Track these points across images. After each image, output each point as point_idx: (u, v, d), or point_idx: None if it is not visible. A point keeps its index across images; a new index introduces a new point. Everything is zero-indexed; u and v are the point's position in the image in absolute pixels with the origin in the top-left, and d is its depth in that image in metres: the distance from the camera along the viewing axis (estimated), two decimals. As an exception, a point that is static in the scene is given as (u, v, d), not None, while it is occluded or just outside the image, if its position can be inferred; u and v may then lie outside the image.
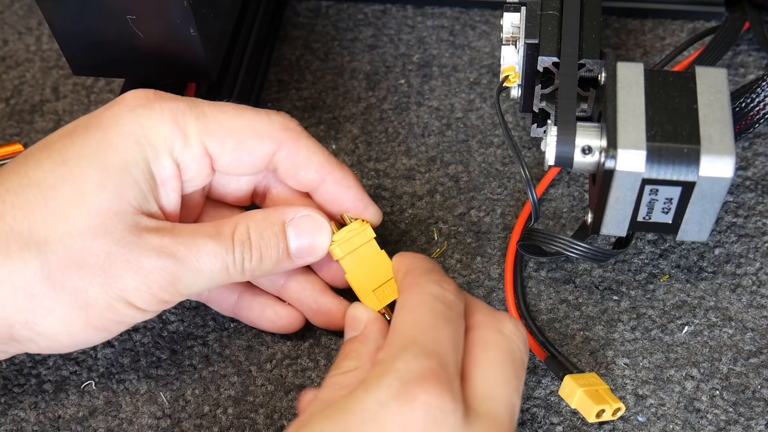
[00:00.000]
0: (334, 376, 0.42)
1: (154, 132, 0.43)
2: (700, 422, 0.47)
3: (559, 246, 0.48)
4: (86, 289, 0.41)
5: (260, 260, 0.45)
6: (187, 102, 0.45)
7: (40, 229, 0.41)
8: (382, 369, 0.38)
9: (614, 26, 0.65)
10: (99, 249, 0.41)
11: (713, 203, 0.44)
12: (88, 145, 0.42)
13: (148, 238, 0.42)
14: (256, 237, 0.44)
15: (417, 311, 0.40)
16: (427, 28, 0.66)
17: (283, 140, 0.46)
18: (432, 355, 0.38)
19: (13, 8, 0.70)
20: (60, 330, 0.42)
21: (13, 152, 0.59)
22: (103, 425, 0.49)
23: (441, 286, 0.42)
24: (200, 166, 0.45)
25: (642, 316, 0.51)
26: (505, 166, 0.58)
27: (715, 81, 0.45)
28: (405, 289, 0.42)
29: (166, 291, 0.42)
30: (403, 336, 0.39)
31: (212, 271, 0.43)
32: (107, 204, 0.41)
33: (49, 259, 0.41)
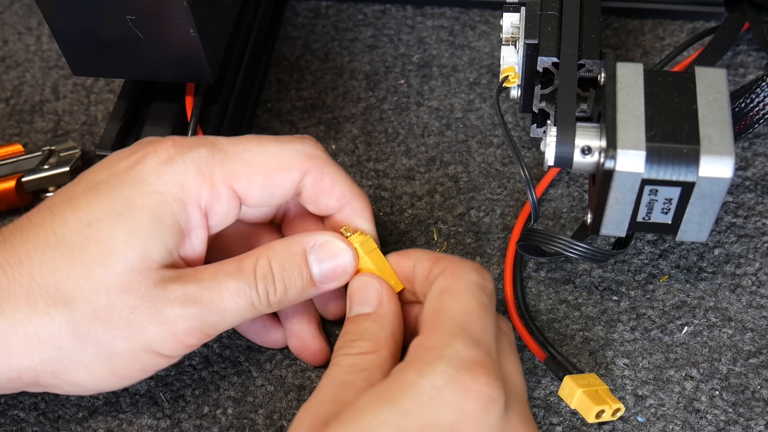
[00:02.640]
0: (348, 355, 0.42)
1: (180, 187, 0.43)
2: (699, 422, 0.47)
3: (559, 246, 0.48)
4: (112, 342, 0.42)
5: (285, 292, 0.44)
6: (209, 147, 0.44)
7: (67, 287, 0.41)
8: (433, 355, 0.38)
9: (614, 26, 0.65)
10: (123, 305, 0.42)
11: (713, 203, 0.44)
12: (114, 206, 0.42)
13: (171, 288, 0.42)
14: (278, 269, 0.44)
15: (463, 299, 0.41)
16: (426, 29, 0.66)
17: (309, 168, 0.46)
18: (481, 345, 0.39)
19: (13, 8, 0.70)
20: (85, 378, 0.43)
21: (13, 152, 0.59)
22: (103, 426, 0.49)
23: (482, 276, 0.43)
24: (229, 209, 0.45)
25: (641, 317, 0.51)
26: (505, 167, 0.58)
27: (714, 81, 0.45)
28: (447, 274, 0.42)
29: (193, 336, 0.43)
30: (452, 323, 0.40)
31: (237, 310, 0.43)
32: (132, 264, 0.42)
33: (74, 315, 0.41)
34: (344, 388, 0.40)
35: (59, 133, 0.62)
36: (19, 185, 0.57)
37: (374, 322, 0.44)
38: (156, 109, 0.56)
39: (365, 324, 0.44)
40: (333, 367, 0.42)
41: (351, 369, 0.41)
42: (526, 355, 0.50)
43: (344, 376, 0.41)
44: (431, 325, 0.40)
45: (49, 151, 0.59)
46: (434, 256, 0.45)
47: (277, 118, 0.62)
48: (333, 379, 0.41)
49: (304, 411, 0.40)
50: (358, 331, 0.44)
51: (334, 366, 0.42)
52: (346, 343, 0.43)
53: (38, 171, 0.58)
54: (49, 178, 0.58)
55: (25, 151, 0.59)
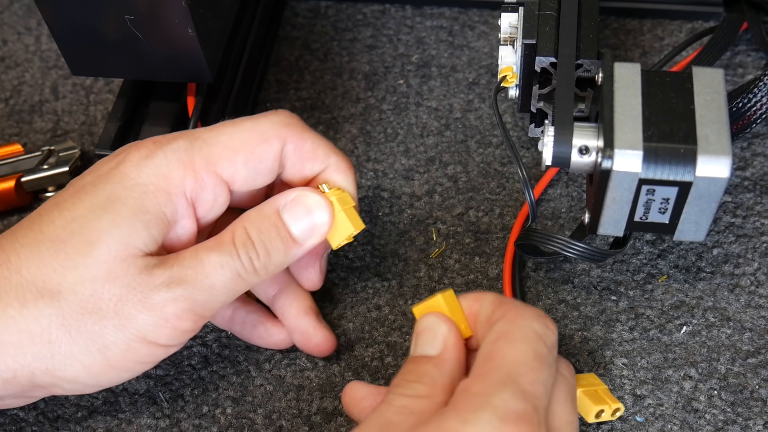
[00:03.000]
0: (401, 396, 0.40)
1: (164, 178, 0.43)
2: (698, 422, 0.47)
3: (557, 246, 0.48)
4: (102, 333, 0.42)
5: (267, 254, 0.44)
6: (187, 137, 0.45)
7: (53, 280, 0.42)
8: (479, 403, 0.37)
9: (613, 26, 0.65)
10: (110, 294, 0.42)
11: (710, 203, 0.44)
12: (97, 201, 0.43)
13: (156, 273, 0.42)
14: (255, 233, 0.44)
15: (518, 346, 0.39)
16: (425, 29, 0.66)
17: (287, 136, 0.46)
18: (529, 398, 0.38)
19: (13, 8, 0.70)
20: (81, 373, 0.43)
21: (13, 152, 0.59)
22: (102, 425, 0.49)
23: (545, 325, 0.41)
24: (216, 195, 0.45)
25: (640, 317, 0.51)
26: (504, 167, 0.58)
27: (712, 81, 0.45)
28: (508, 319, 0.41)
29: (185, 319, 0.42)
30: (503, 370, 0.38)
31: (224, 282, 0.43)
32: (115, 252, 0.42)
33: (62, 307, 0.42)
34: (389, 429, 0.39)
35: (58, 133, 0.62)
36: (19, 185, 0.57)
37: (435, 366, 0.42)
38: (155, 109, 0.57)
39: (426, 367, 0.42)
40: (384, 404, 0.40)
41: (401, 410, 0.40)
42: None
43: (392, 416, 0.40)
44: (481, 370, 0.39)
45: (49, 151, 0.59)
46: (498, 299, 0.43)
47: (276, 118, 0.62)
48: (380, 417, 0.40)
49: None
50: (418, 372, 0.42)
51: (385, 403, 0.40)
52: (403, 382, 0.41)
53: (37, 171, 0.58)
54: (48, 178, 0.58)
55: (24, 151, 0.59)
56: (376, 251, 0.55)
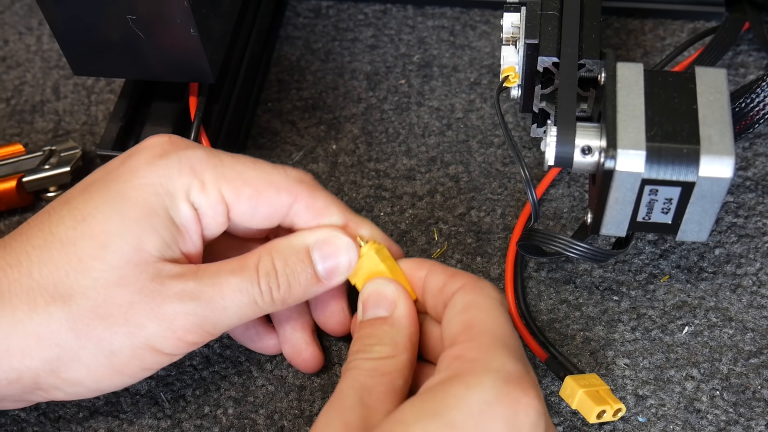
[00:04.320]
0: (367, 359, 0.42)
1: (171, 181, 0.43)
2: (700, 423, 0.47)
3: (559, 246, 0.48)
4: (110, 339, 0.42)
5: (288, 288, 0.44)
6: (205, 151, 0.45)
7: (65, 284, 0.42)
8: (479, 367, 0.38)
9: (615, 26, 0.65)
10: (122, 299, 0.42)
11: (713, 203, 0.44)
12: (107, 199, 0.43)
13: (171, 284, 0.42)
14: (281, 265, 0.44)
15: (493, 314, 0.41)
16: (427, 29, 0.66)
17: (299, 193, 0.46)
18: (521, 359, 0.39)
19: (14, 8, 0.70)
20: (85, 377, 0.42)
21: (14, 152, 0.59)
22: (104, 426, 0.49)
23: (496, 289, 0.43)
24: (216, 213, 0.45)
25: (642, 317, 0.51)
26: (506, 167, 0.58)
27: (714, 81, 0.45)
28: (468, 290, 0.42)
29: (194, 333, 0.42)
30: (490, 335, 0.40)
31: (239, 307, 0.43)
32: (127, 256, 0.42)
33: (73, 311, 0.41)
34: (368, 393, 0.40)
35: (60, 133, 0.62)
36: (20, 185, 0.57)
37: (392, 326, 0.43)
38: (156, 109, 0.56)
39: (383, 328, 0.43)
40: (353, 370, 0.41)
41: (372, 373, 0.41)
42: (527, 355, 0.50)
43: (366, 380, 0.41)
44: (466, 337, 0.40)
45: (50, 151, 0.59)
46: (448, 269, 0.44)
47: (277, 118, 0.62)
48: (355, 383, 0.41)
49: (329, 415, 0.40)
50: (376, 335, 0.43)
51: (354, 369, 0.41)
52: (364, 347, 0.43)
53: (39, 171, 0.58)
54: (49, 178, 0.58)
55: (25, 151, 0.59)
56: (378, 251, 0.55)
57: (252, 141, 0.61)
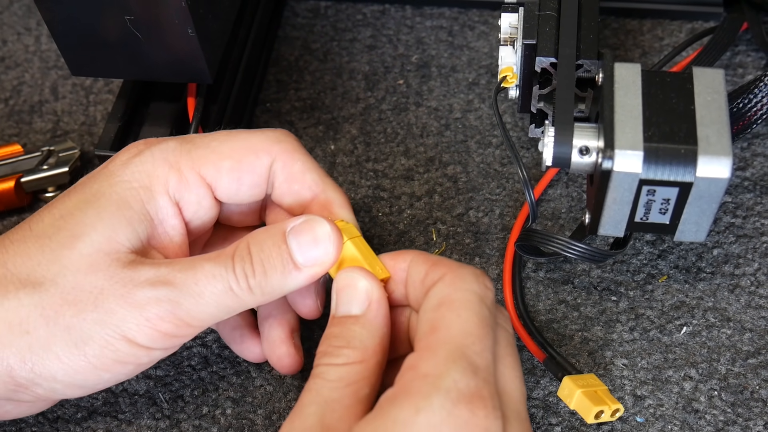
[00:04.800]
0: (333, 366, 0.40)
1: (147, 175, 0.43)
2: (698, 423, 0.47)
3: (557, 246, 0.48)
4: (80, 327, 0.41)
5: (264, 273, 0.42)
6: (178, 140, 0.45)
7: (37, 272, 0.42)
8: (430, 386, 0.36)
9: (613, 26, 0.65)
10: (91, 286, 0.41)
11: (710, 204, 0.44)
12: (84, 198, 0.43)
13: (142, 270, 0.41)
14: (256, 251, 0.42)
15: (463, 314, 0.39)
16: (425, 29, 0.66)
17: (277, 153, 0.45)
18: (479, 371, 0.37)
19: (12, 9, 0.70)
20: (58, 369, 0.41)
21: (12, 152, 0.59)
22: (102, 426, 0.49)
23: (484, 284, 0.40)
24: (200, 197, 0.45)
25: (640, 317, 0.51)
26: (504, 167, 0.58)
27: (712, 82, 0.45)
28: (447, 282, 0.40)
29: (168, 322, 0.41)
30: (451, 344, 0.37)
31: (214, 294, 0.41)
32: (98, 245, 0.42)
33: (42, 296, 0.41)
34: (331, 410, 0.38)
35: (58, 134, 0.62)
36: (18, 185, 0.57)
37: (363, 327, 0.41)
38: (155, 110, 0.56)
39: (353, 329, 0.41)
40: (317, 379, 0.40)
41: (337, 384, 0.39)
42: (525, 356, 0.50)
43: (330, 392, 0.39)
44: (427, 343, 0.38)
45: (48, 151, 0.59)
46: (430, 258, 0.42)
47: (276, 118, 0.62)
48: (318, 397, 0.39)
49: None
50: (345, 336, 0.41)
51: (318, 378, 0.40)
52: (331, 349, 0.41)
53: (37, 171, 0.58)
54: (48, 178, 0.58)
55: (24, 151, 0.59)
56: (376, 251, 0.55)
57: (250, 141, 0.61)
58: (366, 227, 0.56)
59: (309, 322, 0.51)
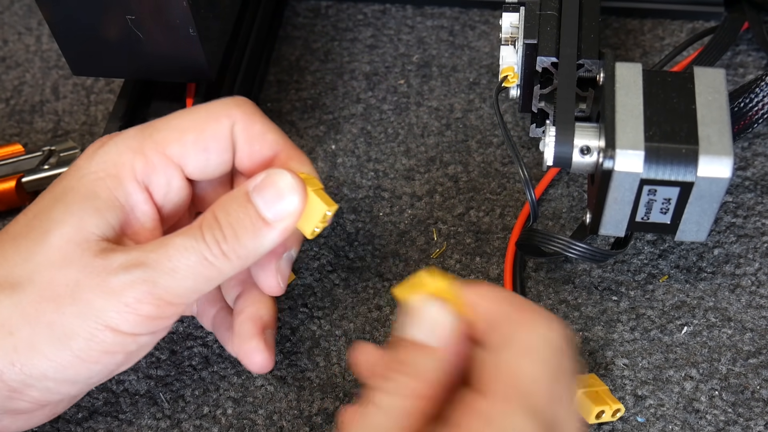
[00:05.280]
0: (389, 394, 0.36)
1: (113, 164, 0.43)
2: (699, 423, 0.47)
3: (558, 246, 0.48)
4: (62, 322, 0.41)
5: (235, 236, 0.41)
6: (138, 127, 0.45)
7: (14, 273, 0.41)
8: (484, 424, 0.34)
9: (613, 26, 0.65)
10: (66, 279, 0.41)
11: (711, 203, 0.44)
12: (53, 196, 0.43)
13: (115, 257, 0.41)
14: (223, 215, 0.42)
15: (531, 357, 0.36)
16: (426, 29, 0.66)
17: (237, 116, 0.45)
18: (540, 417, 0.34)
19: (13, 8, 0.70)
20: (48, 368, 0.41)
21: (14, 152, 0.59)
22: (103, 426, 0.49)
23: (562, 335, 0.37)
24: (168, 178, 0.44)
25: (641, 317, 0.51)
26: (505, 167, 0.58)
27: (713, 81, 0.45)
28: (520, 325, 0.36)
29: (147, 304, 0.41)
30: (514, 387, 0.35)
31: (189, 266, 0.41)
32: (68, 236, 0.41)
33: (20, 296, 0.41)
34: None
35: (59, 133, 0.62)
36: (19, 185, 0.57)
37: (434, 360, 0.36)
38: (156, 109, 0.56)
39: (421, 358, 0.36)
40: (369, 406, 0.36)
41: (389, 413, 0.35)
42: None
43: (381, 421, 0.35)
44: (489, 384, 0.35)
45: (49, 151, 0.59)
46: (505, 296, 0.38)
47: (276, 118, 0.62)
48: (368, 427, 0.35)
49: None
50: (411, 363, 0.36)
51: (371, 405, 0.36)
52: (390, 373, 0.36)
53: (38, 171, 0.58)
54: (49, 178, 0.58)
55: (25, 151, 0.59)
56: (377, 251, 0.55)
57: (251, 141, 0.61)
58: (367, 227, 0.56)
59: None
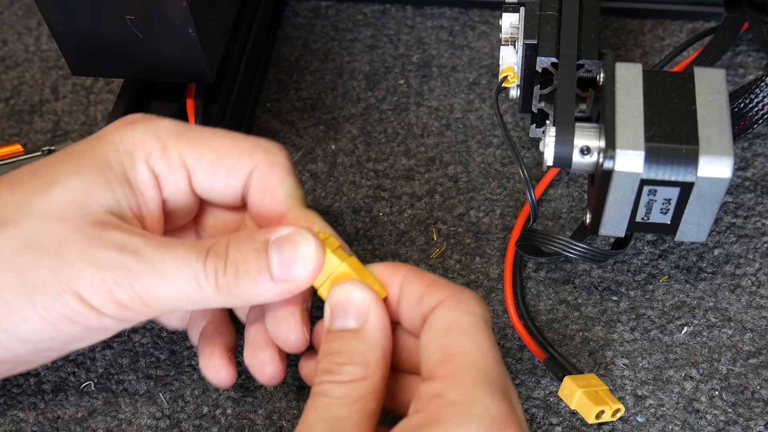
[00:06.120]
0: (338, 384, 0.38)
1: (133, 142, 0.42)
2: (699, 423, 0.47)
3: (558, 246, 0.48)
4: (35, 273, 0.39)
5: (236, 275, 0.40)
6: (174, 121, 0.44)
7: (1, 213, 0.40)
8: (461, 413, 0.35)
9: (614, 26, 0.65)
10: (56, 233, 0.39)
11: (712, 204, 0.44)
12: (66, 153, 0.42)
13: (112, 233, 0.40)
14: (234, 250, 0.40)
15: (477, 339, 0.38)
16: (426, 29, 0.66)
17: (260, 161, 0.44)
18: (504, 394, 0.36)
19: (13, 8, 0.70)
20: (5, 314, 0.39)
21: (13, 152, 0.59)
22: (102, 426, 0.49)
23: (484, 307, 0.39)
24: (177, 179, 0.43)
25: (641, 317, 0.51)
26: (505, 167, 0.58)
27: (713, 81, 0.45)
28: (450, 306, 0.39)
29: (124, 291, 0.39)
30: (474, 370, 0.37)
31: (177, 278, 0.39)
32: (73, 195, 0.40)
33: (2, 237, 0.40)
34: (340, 426, 0.37)
35: (59, 133, 0.62)
36: (19, 185, 0.57)
37: (363, 341, 0.39)
38: (155, 109, 0.56)
39: (353, 343, 0.39)
40: (322, 396, 0.38)
41: (344, 401, 0.38)
42: (526, 356, 0.50)
43: (337, 410, 0.38)
44: (446, 370, 0.37)
45: (49, 151, 0.59)
46: (425, 277, 0.40)
47: (276, 118, 0.62)
48: (326, 414, 0.38)
49: None
50: (346, 352, 0.39)
51: (323, 396, 0.38)
52: (333, 366, 0.39)
53: (38, 171, 0.58)
54: (48, 178, 0.58)
55: (24, 151, 0.59)
56: (377, 251, 0.55)
57: (251, 141, 0.61)
58: (367, 227, 0.56)
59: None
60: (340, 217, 0.56)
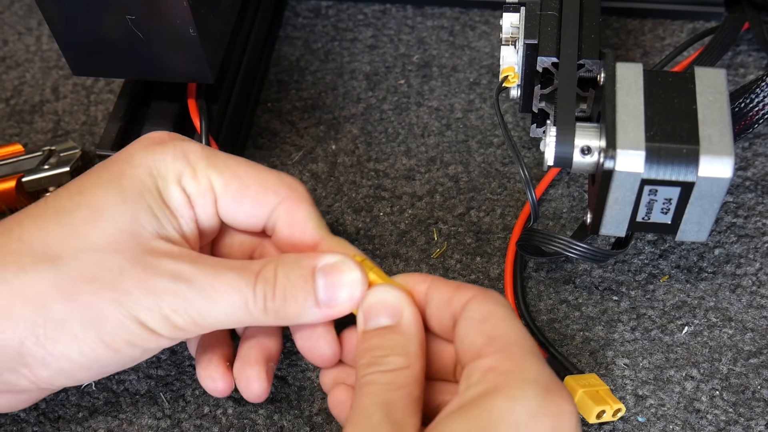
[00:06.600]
0: (382, 373, 0.40)
1: (165, 165, 0.43)
2: (700, 422, 0.47)
3: (559, 246, 0.48)
4: (98, 305, 0.41)
5: (284, 300, 0.42)
6: (201, 145, 0.45)
7: (55, 247, 0.41)
8: (518, 379, 0.37)
9: (614, 26, 0.65)
10: (112, 264, 0.41)
11: (712, 204, 0.44)
12: (104, 176, 0.43)
13: (165, 261, 0.41)
14: (282, 277, 0.42)
15: (512, 322, 0.40)
16: (426, 29, 0.66)
17: (285, 197, 0.45)
18: (547, 366, 0.39)
19: (13, 8, 0.70)
20: (72, 347, 0.41)
21: (14, 152, 0.59)
22: (103, 425, 0.49)
23: (505, 299, 0.42)
24: (205, 201, 0.44)
25: (642, 317, 0.51)
26: (505, 167, 0.58)
27: (714, 81, 0.45)
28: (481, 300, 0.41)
29: (179, 315, 0.41)
30: (519, 345, 0.39)
31: (229, 305, 0.42)
32: (122, 224, 0.42)
33: (61, 271, 0.41)
34: (392, 409, 0.39)
35: (59, 133, 0.62)
36: (19, 185, 0.57)
37: (401, 334, 0.42)
38: (156, 109, 0.56)
39: (392, 337, 0.41)
40: (370, 386, 0.40)
41: (391, 387, 0.40)
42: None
43: (386, 394, 0.39)
44: (494, 348, 0.39)
45: (49, 151, 0.59)
46: (452, 282, 0.43)
47: (277, 118, 0.62)
48: (377, 398, 0.39)
49: None
50: (387, 345, 0.41)
51: (370, 385, 0.40)
52: (375, 359, 0.41)
53: (38, 171, 0.58)
54: (49, 178, 0.58)
55: (25, 151, 0.59)
56: (378, 251, 0.55)
57: (251, 141, 0.61)
58: (367, 227, 0.56)
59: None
60: (340, 216, 0.57)
